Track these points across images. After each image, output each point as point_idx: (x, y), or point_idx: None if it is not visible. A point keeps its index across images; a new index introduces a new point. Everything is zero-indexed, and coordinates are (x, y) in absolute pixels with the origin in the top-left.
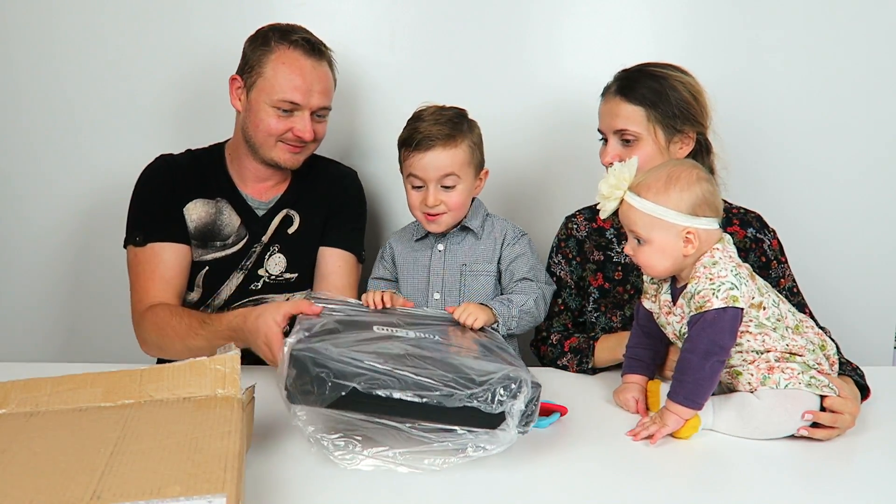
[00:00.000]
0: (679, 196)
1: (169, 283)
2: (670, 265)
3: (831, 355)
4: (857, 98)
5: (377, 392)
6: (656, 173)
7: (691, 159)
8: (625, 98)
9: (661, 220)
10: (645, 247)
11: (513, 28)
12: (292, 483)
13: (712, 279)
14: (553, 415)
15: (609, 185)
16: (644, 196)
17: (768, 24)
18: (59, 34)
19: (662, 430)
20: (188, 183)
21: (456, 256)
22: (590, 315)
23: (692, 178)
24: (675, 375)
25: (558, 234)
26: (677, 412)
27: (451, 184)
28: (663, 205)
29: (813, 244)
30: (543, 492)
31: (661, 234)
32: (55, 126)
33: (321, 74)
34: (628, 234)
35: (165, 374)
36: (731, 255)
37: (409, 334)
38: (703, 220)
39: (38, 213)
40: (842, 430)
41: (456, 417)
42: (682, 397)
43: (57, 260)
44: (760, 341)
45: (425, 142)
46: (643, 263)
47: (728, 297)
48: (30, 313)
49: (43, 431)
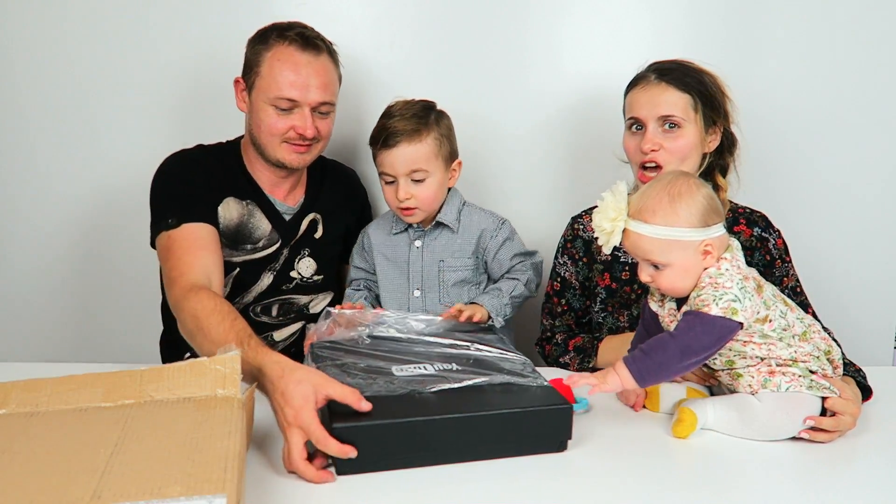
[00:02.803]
0: (688, 211)
1: (209, 258)
2: (692, 282)
3: (836, 359)
4: (857, 99)
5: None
6: (653, 194)
7: (685, 171)
8: (670, 84)
9: (678, 241)
10: (665, 271)
11: (513, 28)
12: (292, 483)
13: (716, 287)
14: (581, 400)
15: (608, 218)
16: (651, 221)
17: (768, 23)
18: (60, 33)
19: (599, 387)
20: (219, 178)
21: (434, 253)
22: (597, 315)
23: (692, 189)
24: (644, 348)
25: (564, 235)
26: (623, 377)
27: (420, 178)
28: (676, 225)
29: (813, 244)
30: (543, 492)
31: (680, 255)
32: (57, 126)
33: (318, 68)
34: (641, 263)
35: (166, 375)
36: (738, 265)
37: (429, 369)
38: (715, 227)
39: (40, 212)
40: (843, 432)
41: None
42: (637, 369)
43: (58, 260)
44: (766, 350)
45: (391, 138)
46: (666, 288)
47: (728, 309)
48: (30, 313)
49: (43, 431)
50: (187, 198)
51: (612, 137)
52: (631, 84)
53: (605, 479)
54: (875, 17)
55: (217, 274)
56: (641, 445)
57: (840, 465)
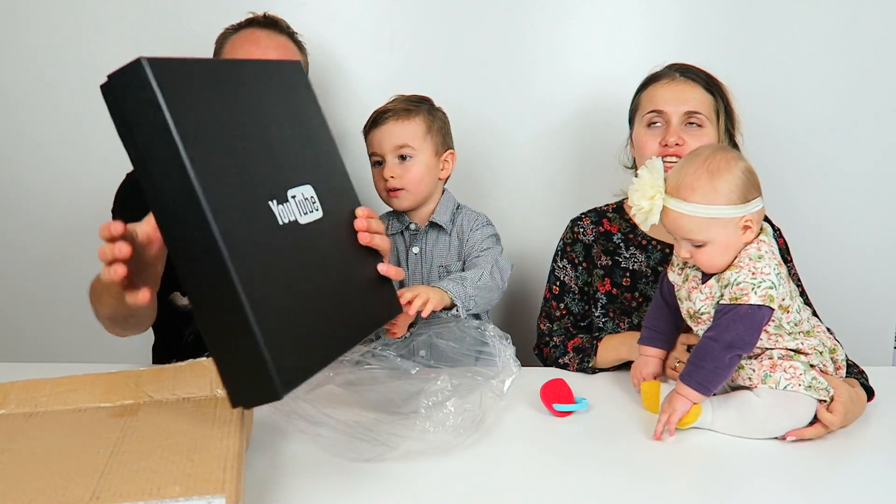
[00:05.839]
0: (728, 188)
1: None
2: (731, 258)
3: (839, 360)
4: (856, 99)
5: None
6: (692, 169)
7: (722, 145)
8: (697, 83)
9: (719, 219)
10: (706, 248)
11: (513, 28)
12: (292, 483)
13: (755, 273)
14: (581, 400)
15: (646, 196)
16: (691, 199)
17: (767, 27)
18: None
19: (674, 415)
20: None
21: (432, 259)
22: (597, 320)
23: (731, 163)
24: (693, 360)
25: (563, 238)
26: (687, 395)
27: (407, 154)
28: (716, 203)
29: (813, 244)
30: (542, 492)
31: (720, 232)
32: (58, 126)
33: (279, 43)
34: (678, 241)
35: (165, 375)
36: (774, 251)
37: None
38: (754, 202)
39: (40, 212)
40: (831, 430)
41: None
42: (696, 382)
43: (57, 260)
44: (773, 341)
45: (380, 117)
46: (705, 264)
47: (766, 296)
48: (30, 313)
49: (42, 432)
50: (138, 208)
51: (611, 140)
52: (649, 80)
53: (604, 478)
54: (873, 18)
55: None
56: (641, 445)
57: (840, 465)
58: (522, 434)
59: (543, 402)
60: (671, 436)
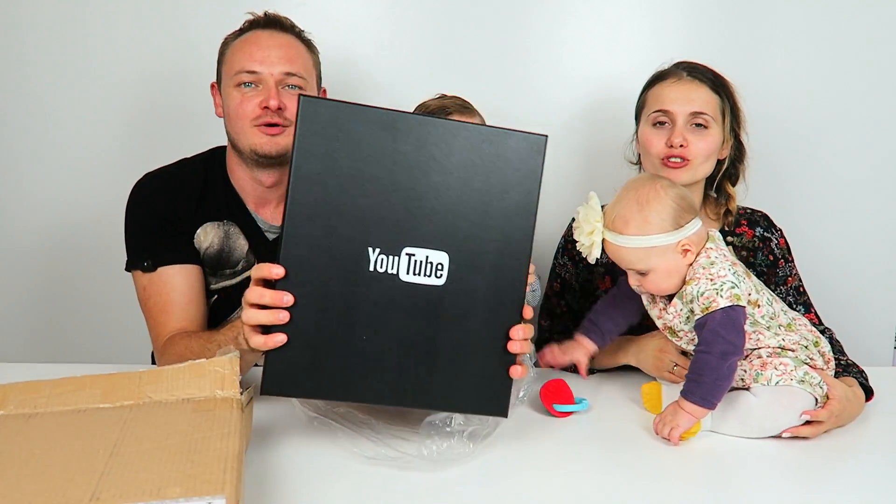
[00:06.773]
0: (659, 217)
1: (186, 309)
2: (678, 279)
3: (826, 352)
4: (858, 99)
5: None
6: (623, 204)
7: (653, 175)
8: (703, 83)
9: (654, 248)
10: (650, 276)
11: (513, 28)
12: (292, 483)
13: (713, 279)
14: (581, 400)
15: (587, 234)
16: (626, 232)
17: (768, 26)
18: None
19: (676, 430)
20: (193, 202)
21: None
22: None
23: (660, 192)
24: (691, 376)
25: (564, 235)
26: (692, 412)
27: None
28: (650, 233)
29: (813, 244)
30: (542, 492)
31: (660, 260)
32: (57, 125)
33: (282, 42)
34: (627, 271)
35: (164, 376)
36: (724, 253)
37: None
38: (688, 226)
39: (40, 212)
40: (826, 427)
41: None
42: (699, 397)
43: (57, 260)
44: (755, 340)
45: (442, 112)
46: (654, 290)
47: (732, 296)
48: (30, 314)
49: (42, 433)
50: (162, 234)
51: (613, 139)
52: (656, 78)
53: (604, 478)
54: (875, 17)
55: (196, 321)
56: (642, 446)
57: (840, 464)
58: (523, 434)
59: (544, 403)
60: (675, 445)
